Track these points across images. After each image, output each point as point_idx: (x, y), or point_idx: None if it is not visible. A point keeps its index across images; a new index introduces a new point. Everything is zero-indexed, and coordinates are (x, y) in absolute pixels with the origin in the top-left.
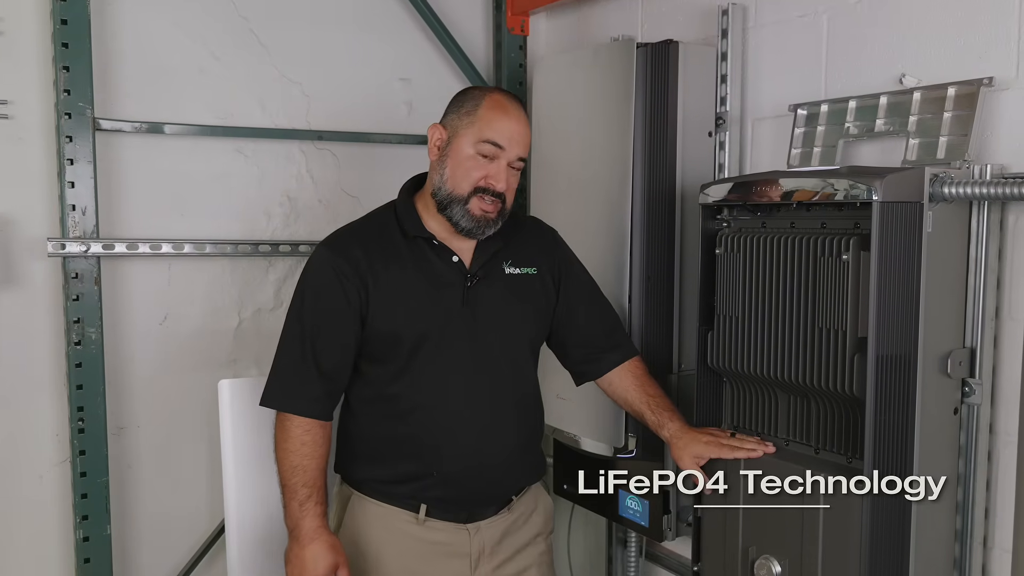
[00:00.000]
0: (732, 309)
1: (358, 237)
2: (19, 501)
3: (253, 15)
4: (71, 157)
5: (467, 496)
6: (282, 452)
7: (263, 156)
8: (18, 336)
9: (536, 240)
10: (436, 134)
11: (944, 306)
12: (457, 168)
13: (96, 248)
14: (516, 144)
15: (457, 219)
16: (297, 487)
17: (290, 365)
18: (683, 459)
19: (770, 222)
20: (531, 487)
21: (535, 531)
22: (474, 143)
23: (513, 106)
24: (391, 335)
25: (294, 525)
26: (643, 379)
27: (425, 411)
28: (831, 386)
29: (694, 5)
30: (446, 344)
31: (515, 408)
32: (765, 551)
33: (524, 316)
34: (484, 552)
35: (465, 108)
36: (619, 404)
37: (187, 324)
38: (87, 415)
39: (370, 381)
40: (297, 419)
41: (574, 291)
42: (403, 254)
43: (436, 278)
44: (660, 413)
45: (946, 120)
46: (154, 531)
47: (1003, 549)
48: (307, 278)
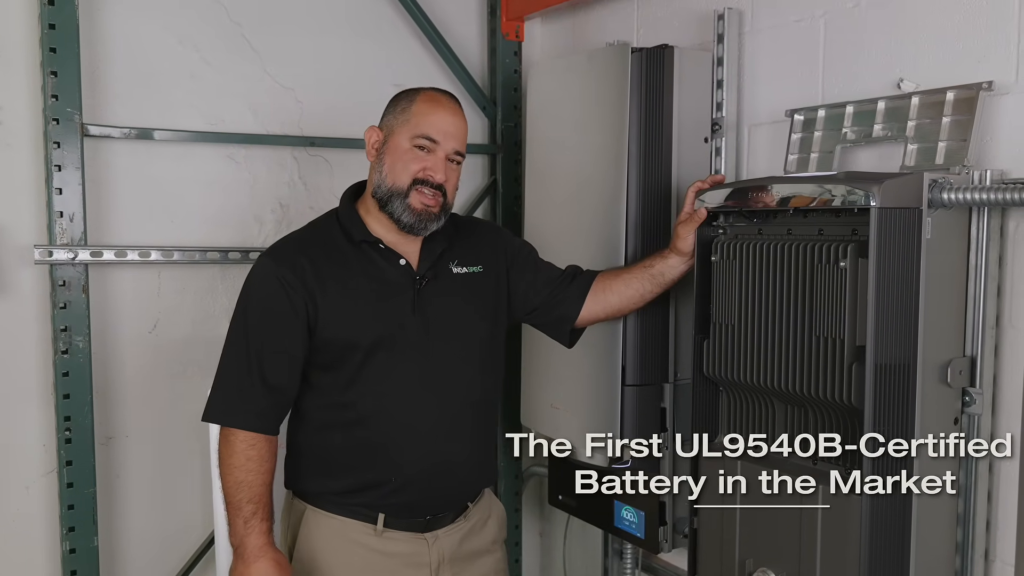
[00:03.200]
0: (728, 317)
1: (302, 245)
2: (5, 512)
3: (245, 20)
4: (59, 163)
5: (426, 500)
6: (226, 468)
7: (255, 162)
8: (4, 345)
9: (478, 238)
10: (373, 136)
11: (944, 314)
12: (396, 163)
13: (84, 255)
14: (451, 137)
15: (399, 215)
16: (242, 503)
17: (233, 378)
18: (680, 240)
19: (767, 229)
20: (484, 493)
21: (491, 538)
22: (410, 138)
23: (446, 100)
24: (343, 342)
25: (239, 542)
26: (613, 272)
27: (380, 417)
28: (829, 395)
29: (690, 10)
30: (398, 347)
31: (471, 408)
32: (762, 563)
33: (475, 314)
34: (443, 560)
35: (399, 107)
36: (630, 304)
37: (177, 332)
38: (74, 425)
39: (320, 390)
40: (242, 433)
41: (527, 269)
42: (350, 260)
43: (385, 282)
44: (650, 261)
45: (945, 125)
46: (142, 543)
47: (1005, 562)
48: (250, 289)
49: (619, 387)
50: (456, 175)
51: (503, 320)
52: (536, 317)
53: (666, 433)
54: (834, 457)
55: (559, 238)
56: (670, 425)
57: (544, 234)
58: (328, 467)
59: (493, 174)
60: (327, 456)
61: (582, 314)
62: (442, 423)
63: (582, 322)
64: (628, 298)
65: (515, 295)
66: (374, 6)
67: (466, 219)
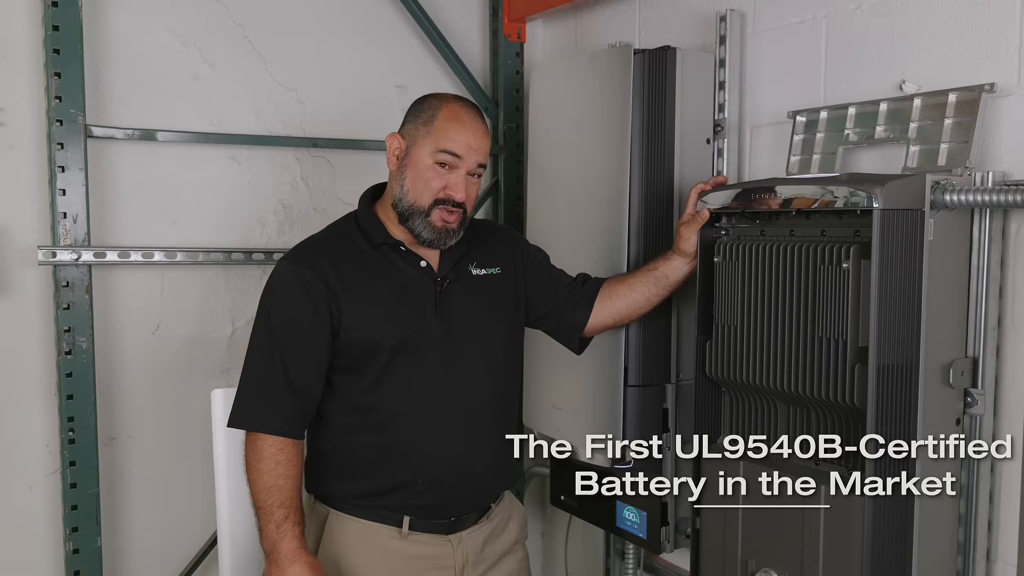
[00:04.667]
0: (731, 318)
1: (322, 248)
2: (9, 512)
3: (248, 21)
4: (62, 164)
5: (451, 502)
6: (255, 473)
7: (257, 163)
8: (8, 345)
9: (496, 241)
10: (395, 143)
11: (946, 315)
12: (417, 179)
13: (87, 256)
14: (474, 153)
15: (419, 231)
16: (273, 508)
17: (259, 383)
18: (683, 241)
19: (769, 230)
20: (505, 494)
21: (513, 538)
22: (432, 153)
23: (470, 115)
24: (367, 344)
25: (271, 548)
26: (619, 277)
27: (403, 419)
28: (831, 396)
29: (692, 11)
30: (421, 349)
31: (492, 409)
32: (765, 563)
33: (495, 315)
34: (468, 562)
35: (422, 118)
36: (637, 309)
37: (180, 333)
38: (78, 425)
39: (342, 393)
40: (270, 438)
41: (541, 275)
42: (371, 262)
43: (406, 284)
44: (654, 264)
45: (947, 127)
46: (145, 543)
47: (1007, 563)
48: (272, 293)
49: (621, 388)
50: (477, 187)
51: (521, 322)
52: (546, 323)
53: (668, 434)
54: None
55: (561, 239)
56: (672, 426)
57: (546, 235)
58: (351, 470)
59: (495, 175)
60: (350, 459)
61: (591, 322)
62: (465, 424)
63: (591, 329)
64: (635, 302)
65: (529, 299)
66: (377, 8)
67: (483, 222)
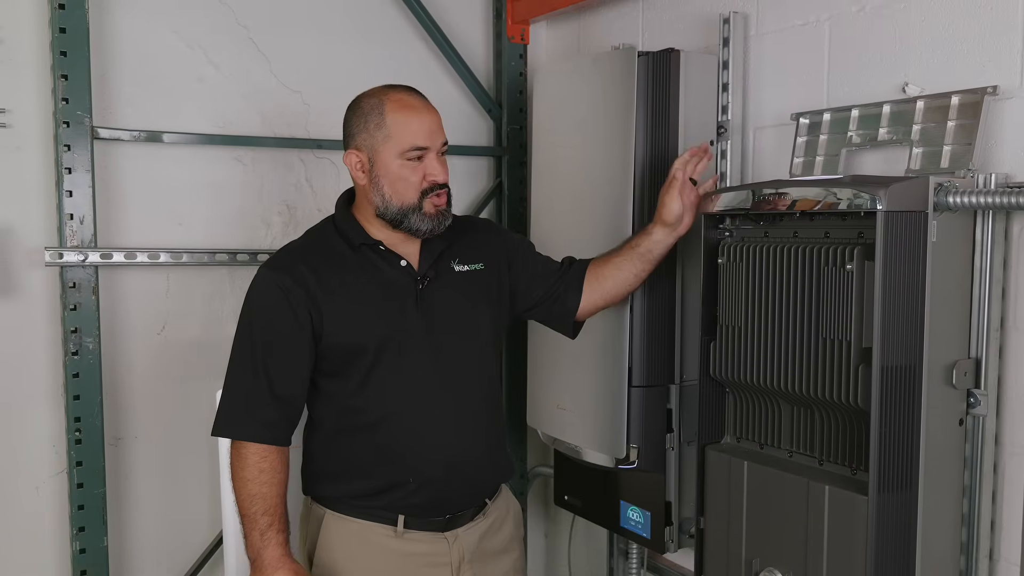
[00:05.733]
0: (735, 319)
1: (301, 253)
2: (16, 512)
3: (252, 23)
4: (69, 166)
5: (446, 499)
6: (239, 481)
7: (262, 165)
8: (15, 346)
9: (478, 235)
10: (355, 159)
11: (949, 316)
12: (395, 183)
13: (94, 257)
14: (436, 135)
15: (416, 226)
16: (257, 516)
17: (241, 391)
18: (664, 209)
19: (773, 231)
20: (501, 489)
21: (509, 535)
22: (398, 155)
23: (413, 99)
24: (350, 346)
25: (256, 555)
26: (604, 257)
27: (393, 418)
28: (835, 397)
29: (695, 14)
30: (405, 348)
31: (480, 404)
32: (769, 563)
33: (477, 310)
34: (464, 559)
35: (372, 122)
36: (626, 286)
37: (186, 334)
38: (84, 426)
39: (330, 396)
40: (253, 446)
41: (527, 264)
42: (350, 264)
43: (386, 284)
44: (636, 240)
45: (950, 129)
46: (152, 543)
47: (1010, 562)
48: (252, 301)
49: (625, 388)
50: (446, 163)
51: (505, 317)
52: (538, 312)
53: (672, 434)
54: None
55: (565, 240)
56: (676, 426)
57: (550, 236)
58: (345, 471)
59: (498, 176)
60: (343, 460)
61: (582, 305)
62: (455, 420)
63: (583, 313)
64: (622, 281)
65: (517, 290)
66: (380, 9)
67: (464, 218)
